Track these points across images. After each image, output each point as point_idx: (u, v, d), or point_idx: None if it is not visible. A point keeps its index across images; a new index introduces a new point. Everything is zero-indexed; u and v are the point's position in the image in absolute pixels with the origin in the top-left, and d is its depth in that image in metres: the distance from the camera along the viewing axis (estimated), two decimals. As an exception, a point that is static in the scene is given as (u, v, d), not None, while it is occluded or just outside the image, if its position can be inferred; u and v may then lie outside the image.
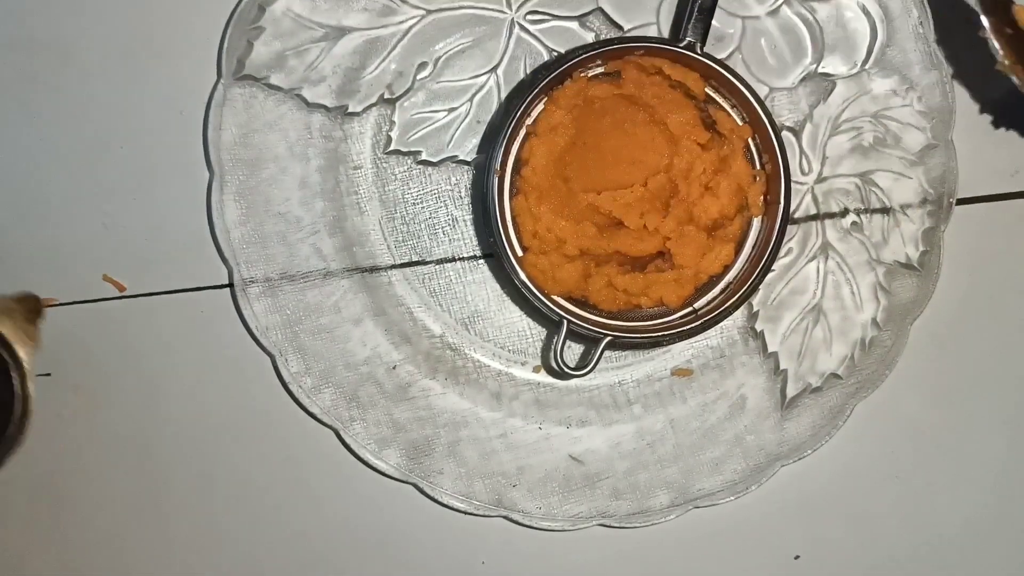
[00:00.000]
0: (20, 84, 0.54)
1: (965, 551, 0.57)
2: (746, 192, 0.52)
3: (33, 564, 0.55)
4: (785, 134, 0.54)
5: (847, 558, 0.56)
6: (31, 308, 0.50)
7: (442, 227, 0.55)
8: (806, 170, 0.55)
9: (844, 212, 0.55)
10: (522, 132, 0.51)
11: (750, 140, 0.52)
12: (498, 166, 0.51)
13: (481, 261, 0.55)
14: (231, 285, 0.54)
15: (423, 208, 0.55)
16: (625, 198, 0.51)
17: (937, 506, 0.57)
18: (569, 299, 0.52)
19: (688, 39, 0.51)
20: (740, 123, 0.52)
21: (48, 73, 0.54)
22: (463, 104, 0.54)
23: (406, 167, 0.54)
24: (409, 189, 0.55)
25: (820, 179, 0.55)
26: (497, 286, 0.55)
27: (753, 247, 0.53)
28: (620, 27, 0.54)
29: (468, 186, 0.55)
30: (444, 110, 0.54)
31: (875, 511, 0.56)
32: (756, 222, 0.53)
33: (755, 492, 0.54)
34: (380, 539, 0.56)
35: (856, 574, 0.56)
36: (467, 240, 0.55)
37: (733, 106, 0.52)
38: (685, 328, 0.51)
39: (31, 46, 0.54)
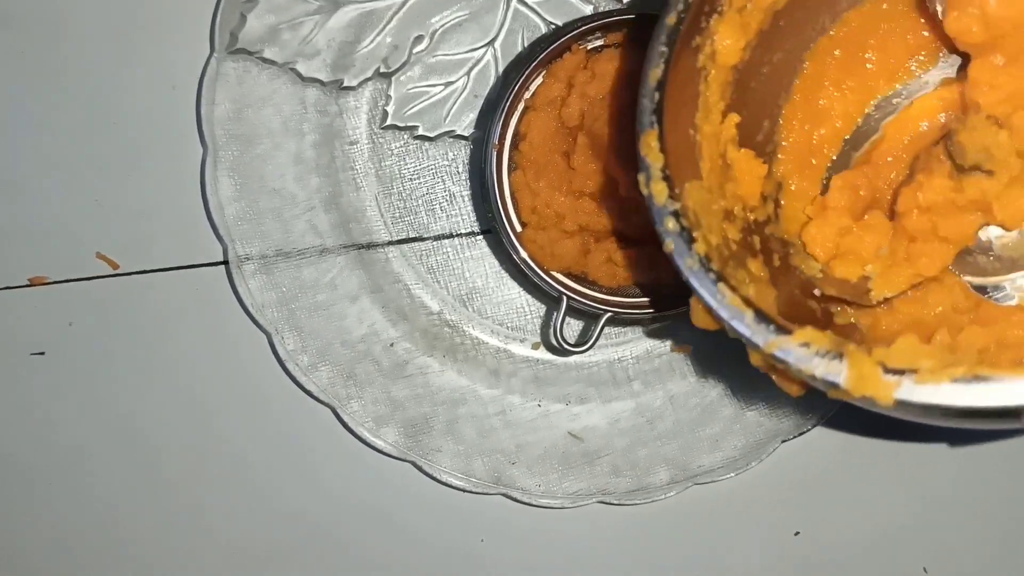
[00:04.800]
0: (8, 60, 0.53)
1: (967, 527, 0.57)
2: None
3: (26, 542, 0.55)
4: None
5: (847, 535, 0.56)
6: None
7: (439, 203, 0.54)
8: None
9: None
10: (520, 106, 0.51)
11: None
12: (496, 141, 0.50)
13: (479, 237, 0.55)
14: (226, 262, 0.53)
15: (420, 184, 0.54)
16: None
17: (938, 482, 0.56)
18: (568, 275, 0.52)
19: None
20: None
21: (36, 48, 0.53)
22: (460, 78, 0.54)
23: (403, 142, 0.54)
24: (406, 164, 0.54)
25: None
26: (495, 262, 0.55)
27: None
28: (619, -1, 0.53)
29: (466, 161, 0.54)
30: (441, 84, 0.54)
31: (876, 487, 0.56)
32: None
33: (755, 468, 0.54)
34: (378, 517, 0.55)
35: (856, 551, 0.56)
36: (465, 216, 0.54)
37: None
38: (685, 304, 0.51)
39: (18, 21, 0.53)
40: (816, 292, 0.44)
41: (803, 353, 0.37)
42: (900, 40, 0.46)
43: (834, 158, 0.47)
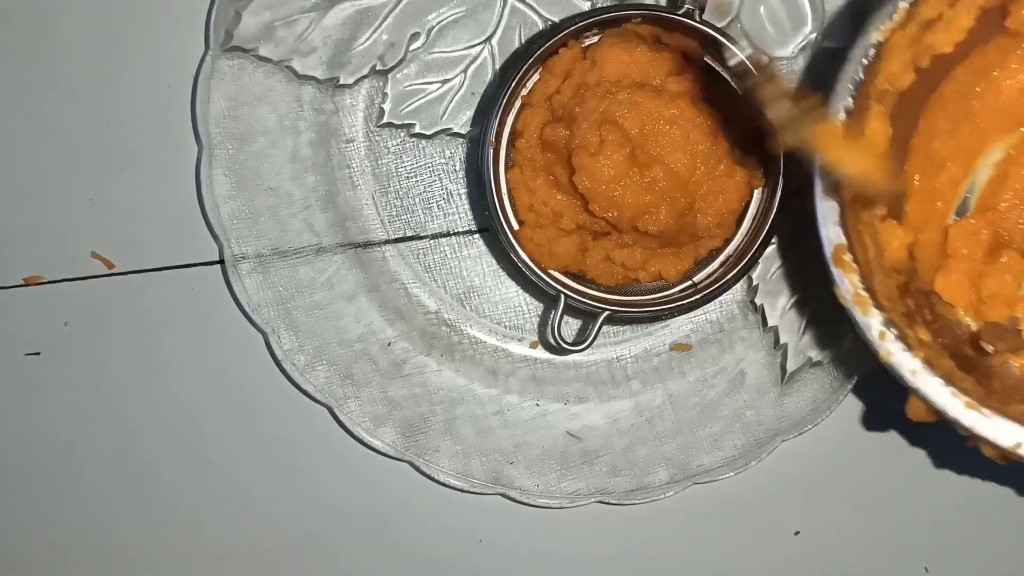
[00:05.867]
0: (2, 58, 0.53)
1: (968, 526, 0.56)
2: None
3: (21, 543, 0.55)
4: (785, 104, 0.53)
5: (847, 534, 0.56)
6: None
7: (436, 201, 0.54)
8: (806, 141, 0.54)
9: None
10: (517, 103, 0.50)
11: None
12: (493, 138, 0.50)
13: (476, 235, 0.54)
14: (221, 261, 0.53)
15: (417, 182, 0.54)
16: None
17: (939, 480, 0.56)
18: (566, 273, 0.51)
19: (686, 7, 0.50)
20: (740, 93, 0.51)
21: (31, 46, 0.53)
22: (457, 75, 0.53)
23: (399, 140, 0.54)
24: (402, 163, 0.54)
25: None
26: (493, 261, 0.54)
27: (753, 220, 0.52)
28: (616, -5, 0.53)
29: (463, 159, 0.54)
30: (438, 82, 0.53)
31: (876, 486, 0.56)
32: (756, 194, 0.52)
33: (755, 468, 0.54)
34: (376, 518, 0.55)
35: (856, 550, 0.56)
36: (462, 214, 0.54)
37: (732, 75, 0.51)
38: (684, 302, 0.51)
39: (12, 18, 0.53)
40: (988, 348, 0.46)
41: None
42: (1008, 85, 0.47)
43: (958, 205, 0.49)
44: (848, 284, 0.41)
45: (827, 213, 0.42)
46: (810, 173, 0.43)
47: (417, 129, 0.53)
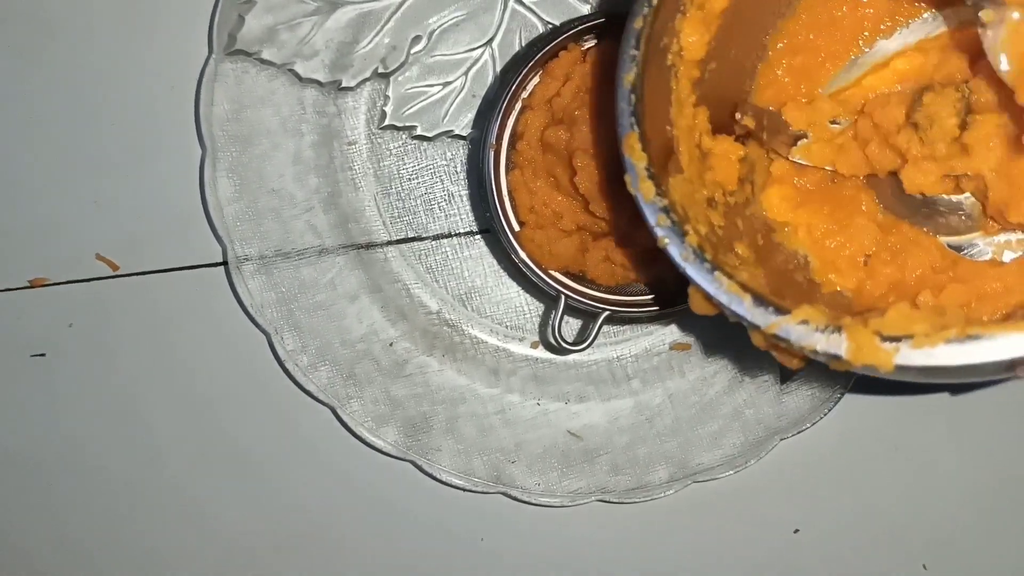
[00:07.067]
0: (6, 61, 0.54)
1: (965, 523, 0.57)
2: None
3: (27, 543, 0.55)
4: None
5: (847, 532, 0.56)
6: None
7: (438, 203, 0.54)
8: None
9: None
10: (518, 105, 0.51)
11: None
12: (493, 140, 0.50)
13: (478, 236, 0.55)
14: (225, 263, 0.53)
15: (419, 184, 0.54)
16: None
17: (937, 478, 0.56)
18: (567, 274, 0.51)
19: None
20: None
21: (36, 48, 0.53)
22: (458, 78, 0.54)
23: (401, 142, 0.54)
24: (404, 164, 0.54)
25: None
26: (494, 261, 0.55)
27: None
28: (616, -2, 0.53)
29: (464, 161, 0.54)
30: (439, 84, 0.54)
31: (875, 484, 0.56)
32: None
33: (754, 466, 0.54)
34: (378, 517, 0.55)
35: (856, 548, 0.56)
36: (463, 215, 0.55)
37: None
38: (684, 302, 0.51)
39: (17, 19, 0.53)
40: (738, 116, 0.46)
41: (803, 330, 0.38)
42: (855, 19, 0.47)
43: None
44: (635, 170, 0.41)
45: (624, 109, 0.42)
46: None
47: (419, 131, 0.54)
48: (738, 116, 0.46)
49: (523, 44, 0.53)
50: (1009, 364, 0.36)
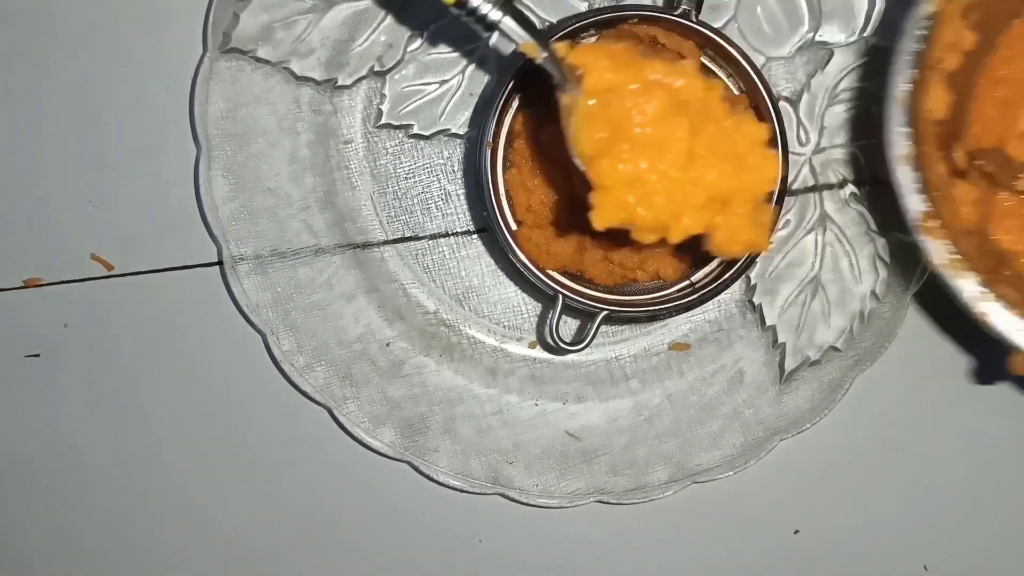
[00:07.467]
0: (0, 59, 0.53)
1: (967, 525, 0.56)
2: None
3: (23, 544, 0.55)
4: (782, 104, 0.53)
5: (846, 532, 0.56)
6: None
7: (435, 202, 0.54)
8: (803, 141, 0.54)
9: (843, 183, 0.54)
10: (515, 104, 0.50)
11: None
12: (490, 139, 0.50)
13: (475, 236, 0.54)
14: (220, 263, 0.53)
15: (415, 183, 0.54)
16: None
17: (937, 479, 0.56)
18: (564, 273, 0.51)
19: (683, 7, 0.50)
20: (737, 93, 0.51)
21: (29, 47, 0.53)
22: (455, 76, 0.53)
23: (397, 141, 0.54)
24: (401, 163, 0.54)
25: (818, 150, 0.54)
26: (491, 261, 0.54)
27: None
28: (614, -5, 0.53)
29: (461, 160, 0.54)
30: (436, 83, 0.53)
31: (874, 485, 0.56)
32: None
33: (754, 467, 0.54)
34: (375, 519, 0.55)
35: (856, 548, 0.56)
36: (460, 215, 0.54)
37: (729, 75, 0.51)
38: (682, 301, 0.51)
39: (10, 20, 0.53)
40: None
41: None
42: None
43: None
44: (937, 250, 0.41)
45: (905, 182, 0.42)
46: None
47: (415, 130, 0.54)
48: (975, 161, 0.47)
49: (520, 42, 0.53)
50: None
